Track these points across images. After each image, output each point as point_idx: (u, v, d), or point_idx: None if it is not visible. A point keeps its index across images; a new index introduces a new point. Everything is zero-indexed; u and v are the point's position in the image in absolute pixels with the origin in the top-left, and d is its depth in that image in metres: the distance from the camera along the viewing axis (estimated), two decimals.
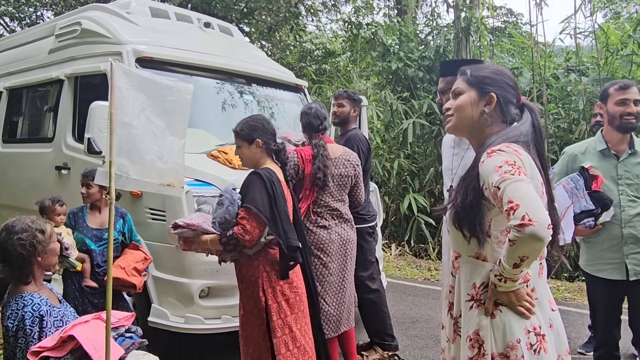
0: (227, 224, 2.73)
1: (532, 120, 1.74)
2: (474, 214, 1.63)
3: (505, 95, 1.75)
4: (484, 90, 1.75)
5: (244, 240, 2.64)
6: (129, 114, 2.44)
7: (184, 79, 4.03)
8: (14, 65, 5.58)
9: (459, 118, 1.79)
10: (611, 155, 2.87)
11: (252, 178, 2.76)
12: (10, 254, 2.18)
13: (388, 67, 8.61)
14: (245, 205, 2.68)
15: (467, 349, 1.65)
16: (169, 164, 2.65)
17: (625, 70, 7.12)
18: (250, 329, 2.78)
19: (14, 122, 5.53)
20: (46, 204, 3.39)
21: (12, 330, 2.12)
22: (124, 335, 2.44)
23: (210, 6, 10.63)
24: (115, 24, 4.51)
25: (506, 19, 14.09)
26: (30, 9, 13.22)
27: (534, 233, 1.41)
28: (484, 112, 1.74)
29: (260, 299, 2.72)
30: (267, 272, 2.74)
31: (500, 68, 1.84)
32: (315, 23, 14.91)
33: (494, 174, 1.53)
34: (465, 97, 1.77)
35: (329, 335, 3.27)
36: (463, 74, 1.82)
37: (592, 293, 3.04)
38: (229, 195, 2.78)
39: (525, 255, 1.47)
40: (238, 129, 2.87)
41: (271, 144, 2.88)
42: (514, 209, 1.44)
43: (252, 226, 2.65)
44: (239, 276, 2.83)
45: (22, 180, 5.03)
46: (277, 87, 5.15)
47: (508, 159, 1.55)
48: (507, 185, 1.48)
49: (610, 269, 2.83)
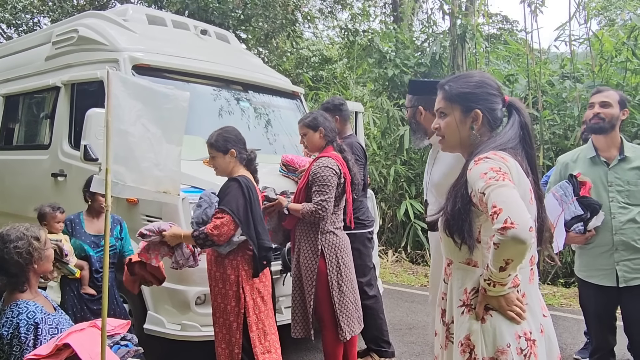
0: (203, 224, 2.94)
1: (520, 120, 1.76)
2: (463, 220, 1.65)
3: (490, 107, 1.76)
4: (468, 107, 1.76)
5: (213, 236, 2.85)
6: (125, 121, 2.44)
7: (180, 87, 4.05)
8: (10, 72, 5.58)
9: (449, 138, 1.82)
10: (601, 162, 2.90)
11: (230, 184, 3.01)
12: (7, 262, 2.17)
13: (384, 74, 8.65)
14: (220, 207, 2.92)
15: (458, 354, 1.67)
16: (165, 171, 2.66)
17: (620, 77, 7.17)
18: (227, 327, 2.99)
19: (10, 129, 5.53)
20: (47, 211, 3.39)
21: (7, 338, 2.11)
22: (119, 343, 2.44)
23: (207, 13, 10.66)
24: (112, 32, 4.52)
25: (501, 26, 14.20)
26: (27, 16, 13.23)
27: (516, 235, 1.44)
28: (472, 128, 1.76)
29: (240, 297, 2.97)
30: (245, 270, 3.00)
31: (478, 78, 1.81)
32: (312, 30, 14.98)
33: (479, 180, 1.56)
34: (450, 120, 1.79)
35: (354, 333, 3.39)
36: (442, 89, 1.82)
37: (585, 299, 3.06)
38: (207, 198, 3.01)
39: (510, 259, 1.48)
40: (213, 141, 3.06)
41: (243, 153, 3.10)
42: (497, 213, 1.47)
43: (222, 224, 2.86)
44: (217, 278, 3.02)
45: (18, 188, 5.02)
46: (273, 94, 5.17)
47: (493, 165, 1.58)
48: (491, 191, 1.51)
49: (601, 275, 2.85)
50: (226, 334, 3.01)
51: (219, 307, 3.03)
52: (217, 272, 3.03)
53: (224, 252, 2.98)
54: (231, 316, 2.98)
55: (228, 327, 3.00)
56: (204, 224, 2.93)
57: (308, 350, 4.23)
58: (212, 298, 3.08)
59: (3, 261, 2.18)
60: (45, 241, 2.30)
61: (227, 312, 2.99)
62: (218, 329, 3.05)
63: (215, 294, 3.04)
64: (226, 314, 3.00)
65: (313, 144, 3.42)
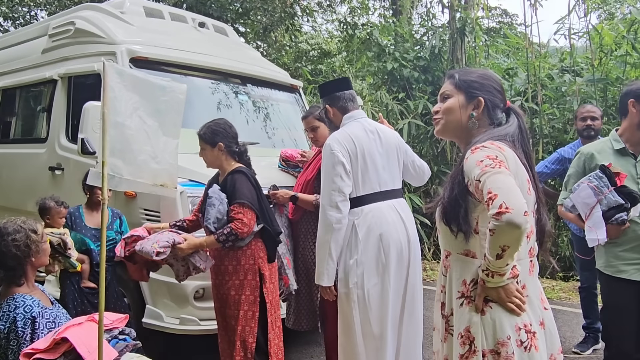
0: (220, 222, 2.90)
1: (519, 123, 1.78)
2: (459, 207, 1.66)
3: (492, 100, 1.79)
4: (472, 94, 1.79)
5: (243, 233, 2.84)
6: (122, 114, 2.43)
7: (178, 79, 4.01)
8: (7, 65, 5.55)
9: (447, 121, 1.83)
10: (629, 154, 2.81)
11: (236, 176, 2.97)
12: (5, 255, 2.16)
13: (383, 68, 8.61)
14: (238, 201, 2.88)
15: (458, 346, 1.66)
16: (162, 164, 2.65)
17: (619, 70, 7.15)
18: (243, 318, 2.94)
19: (7, 123, 5.51)
20: (51, 205, 3.36)
21: (4, 332, 2.10)
22: (117, 338, 2.43)
23: (205, 6, 10.60)
24: (109, 24, 4.49)
25: (501, 20, 14.14)
26: (24, 9, 13.16)
27: (511, 220, 1.43)
28: (472, 115, 1.78)
29: (257, 285, 2.96)
30: (261, 257, 3.00)
31: (487, 72, 1.88)
32: (311, 23, 14.91)
33: (475, 168, 1.57)
34: (453, 101, 1.81)
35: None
36: (451, 77, 1.86)
37: (611, 295, 2.87)
38: (217, 195, 2.92)
39: (506, 245, 1.48)
40: (201, 133, 3.04)
41: (233, 146, 3.05)
42: (493, 199, 1.47)
43: (247, 219, 2.86)
44: (229, 271, 2.96)
45: (15, 181, 5.01)
46: (272, 88, 5.14)
47: (490, 153, 1.59)
48: (487, 178, 1.52)
49: (633, 269, 2.71)
50: (238, 325, 2.94)
51: (232, 299, 2.96)
52: (229, 266, 2.97)
53: (243, 245, 2.95)
54: (245, 305, 2.94)
55: (243, 318, 2.94)
56: (219, 222, 2.89)
57: (307, 344, 4.23)
58: (221, 293, 3.00)
59: (1, 254, 2.17)
60: (43, 234, 2.30)
61: (241, 303, 2.94)
62: (234, 323, 2.96)
63: (227, 288, 2.97)
64: (240, 304, 2.94)
65: (325, 137, 3.29)
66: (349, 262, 2.81)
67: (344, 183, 2.78)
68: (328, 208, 2.77)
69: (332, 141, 2.85)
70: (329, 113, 3.07)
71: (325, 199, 2.79)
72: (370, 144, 2.90)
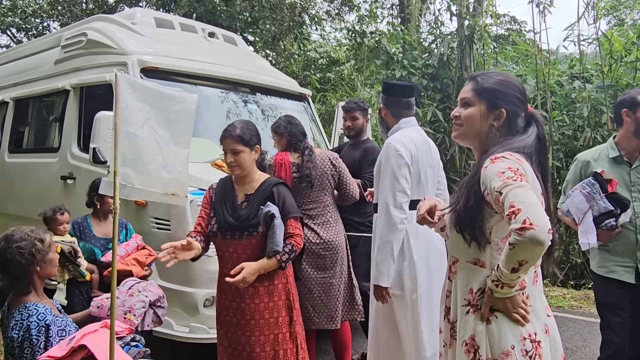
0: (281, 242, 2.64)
1: (538, 132, 1.75)
2: (475, 217, 1.64)
3: (514, 110, 1.75)
4: (495, 104, 1.75)
5: (300, 247, 2.71)
6: (133, 124, 2.45)
7: (188, 89, 4.06)
8: (20, 75, 5.64)
9: (467, 129, 1.80)
10: (624, 162, 2.90)
11: (281, 189, 2.74)
12: (9, 262, 2.17)
13: (392, 76, 8.62)
14: (294, 216, 2.71)
15: (463, 354, 1.66)
16: (173, 173, 2.67)
17: (629, 77, 7.10)
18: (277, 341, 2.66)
19: (20, 133, 5.58)
20: (48, 215, 3.41)
21: (18, 340, 2.12)
22: (129, 344, 2.45)
23: (215, 16, 10.70)
24: (121, 35, 4.56)
25: (510, 27, 14.14)
26: (36, 20, 13.37)
27: (535, 237, 1.42)
28: (492, 126, 1.75)
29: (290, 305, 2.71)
30: (291, 275, 2.79)
31: (509, 79, 1.82)
32: (320, 32, 15.00)
33: (496, 179, 1.55)
34: (474, 110, 1.78)
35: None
36: (473, 81, 1.81)
37: (602, 295, 3.00)
38: (278, 213, 2.64)
39: (525, 260, 1.47)
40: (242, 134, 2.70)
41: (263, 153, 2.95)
42: (516, 213, 1.45)
43: (302, 232, 2.76)
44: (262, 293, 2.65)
45: (28, 190, 5.06)
46: (281, 96, 5.18)
47: (511, 165, 1.57)
48: (509, 191, 1.50)
49: (623, 271, 2.86)
50: (272, 350, 2.65)
51: (266, 323, 2.64)
52: (261, 287, 2.63)
53: None
54: (283, 328, 2.68)
55: (280, 341, 2.66)
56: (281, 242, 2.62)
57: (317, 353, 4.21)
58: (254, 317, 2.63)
59: (5, 261, 2.17)
60: (50, 244, 2.29)
61: (279, 325, 2.66)
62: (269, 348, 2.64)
63: (261, 311, 2.63)
64: (277, 327, 2.66)
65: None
66: (403, 264, 2.82)
67: (408, 185, 2.79)
68: (393, 209, 2.73)
69: (396, 142, 2.83)
70: (381, 112, 3.08)
71: (390, 199, 2.75)
72: (424, 154, 2.93)
